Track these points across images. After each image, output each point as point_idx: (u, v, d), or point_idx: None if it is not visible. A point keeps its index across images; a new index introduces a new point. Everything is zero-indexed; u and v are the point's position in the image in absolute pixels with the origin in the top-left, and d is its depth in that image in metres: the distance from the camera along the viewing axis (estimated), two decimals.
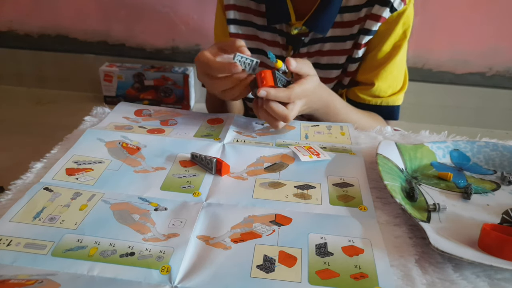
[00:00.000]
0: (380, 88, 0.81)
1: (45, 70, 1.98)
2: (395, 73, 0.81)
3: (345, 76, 0.83)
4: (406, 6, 0.76)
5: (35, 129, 1.70)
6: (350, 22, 0.79)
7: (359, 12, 0.78)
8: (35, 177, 0.55)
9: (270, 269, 0.42)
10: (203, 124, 0.70)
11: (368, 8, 0.77)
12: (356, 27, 0.79)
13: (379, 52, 0.79)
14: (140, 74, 1.85)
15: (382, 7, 0.75)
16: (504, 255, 0.43)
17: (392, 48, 0.79)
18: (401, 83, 0.83)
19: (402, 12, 0.76)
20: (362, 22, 0.78)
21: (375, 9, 0.76)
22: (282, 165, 0.59)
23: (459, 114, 1.84)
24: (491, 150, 0.64)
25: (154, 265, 0.42)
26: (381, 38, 0.78)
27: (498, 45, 1.72)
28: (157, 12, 1.82)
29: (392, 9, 0.75)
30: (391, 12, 0.75)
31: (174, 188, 0.54)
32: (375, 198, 0.54)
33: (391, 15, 0.76)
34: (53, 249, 0.43)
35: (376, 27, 0.76)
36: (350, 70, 0.82)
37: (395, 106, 0.84)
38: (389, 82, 0.81)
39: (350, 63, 0.81)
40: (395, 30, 0.77)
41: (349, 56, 0.81)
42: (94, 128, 0.66)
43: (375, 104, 0.83)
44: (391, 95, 0.82)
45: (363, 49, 0.79)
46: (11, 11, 1.90)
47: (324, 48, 0.81)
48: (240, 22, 0.84)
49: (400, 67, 0.81)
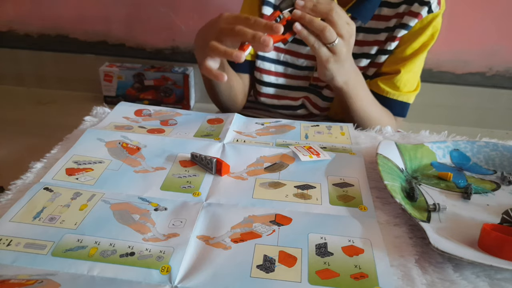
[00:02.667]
0: (402, 78, 0.83)
1: (45, 70, 1.98)
2: (416, 70, 0.84)
3: (371, 67, 0.86)
4: (440, 11, 0.81)
5: (35, 129, 1.70)
6: (387, 17, 0.82)
7: (397, 8, 0.81)
8: (35, 177, 0.55)
9: (270, 269, 0.42)
10: (203, 124, 0.70)
11: (407, 6, 0.80)
12: (393, 21, 0.82)
13: (409, 48, 0.82)
14: (140, 74, 1.85)
15: (421, 6, 0.79)
16: (504, 255, 0.43)
17: (420, 46, 0.82)
18: (416, 83, 0.87)
19: (436, 15, 0.80)
20: (399, 18, 0.81)
21: (414, 7, 0.79)
22: (282, 165, 0.59)
23: (459, 114, 1.84)
24: (491, 150, 0.64)
25: (154, 265, 0.42)
26: (413, 35, 0.81)
27: (498, 45, 1.72)
28: (157, 12, 1.81)
29: (430, 10, 0.79)
30: (428, 13, 0.79)
31: (174, 188, 0.54)
32: (375, 198, 0.54)
33: (427, 15, 0.79)
34: (53, 249, 0.43)
35: (413, 23, 0.79)
36: (378, 61, 0.85)
37: (407, 104, 0.87)
38: (410, 75, 0.84)
39: (381, 55, 0.84)
40: (427, 30, 0.81)
41: (380, 48, 0.84)
42: (94, 128, 0.66)
43: (392, 97, 0.85)
44: (406, 92, 0.85)
45: (396, 42, 0.82)
46: (11, 11, 1.90)
47: (357, 38, 0.83)
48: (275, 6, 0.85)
49: (420, 66, 0.85)
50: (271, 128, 0.70)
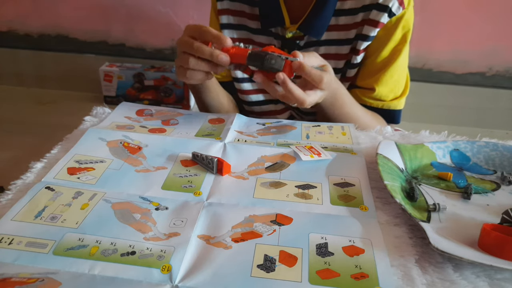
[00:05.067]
0: (381, 93, 0.80)
1: (45, 70, 1.98)
2: (395, 77, 0.79)
3: (344, 81, 0.82)
4: (405, 10, 0.74)
5: (35, 129, 1.70)
6: (346, 26, 0.77)
7: (355, 16, 0.76)
8: (35, 177, 0.55)
9: (270, 269, 0.42)
10: (204, 123, 0.71)
11: (365, 13, 0.75)
12: (353, 31, 0.77)
13: (378, 57, 0.78)
14: (140, 74, 1.85)
15: (380, 13, 0.73)
16: (504, 255, 0.43)
17: (392, 53, 0.77)
18: (403, 87, 0.82)
19: (401, 16, 0.74)
20: (359, 27, 0.77)
21: (372, 14, 0.74)
22: (283, 165, 0.59)
23: (459, 114, 1.84)
24: (491, 150, 0.64)
25: (155, 264, 0.42)
26: (380, 44, 0.77)
27: (498, 45, 1.72)
28: (157, 12, 1.81)
29: (391, 14, 0.74)
30: (390, 17, 0.74)
31: (175, 188, 0.54)
32: (375, 198, 0.54)
33: (390, 20, 0.74)
34: (54, 247, 0.43)
35: (374, 32, 0.75)
36: (349, 75, 0.81)
37: (397, 111, 0.83)
38: (390, 86, 0.80)
39: (349, 69, 0.80)
40: (394, 35, 0.75)
41: (348, 61, 0.80)
42: (95, 127, 0.66)
43: (377, 107, 0.82)
44: (392, 100, 0.81)
45: (361, 55, 0.78)
46: (11, 11, 1.90)
47: (319, 52, 0.79)
48: (234, 26, 0.83)
49: (401, 71, 0.80)
50: (272, 128, 0.70)
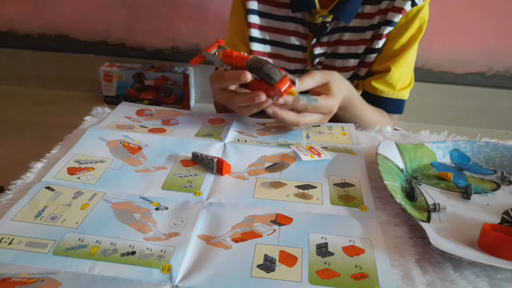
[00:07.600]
0: (394, 75, 0.83)
1: (45, 70, 1.98)
2: (408, 63, 0.84)
3: (362, 67, 0.86)
4: (425, 3, 0.80)
5: (35, 129, 1.70)
6: (370, 14, 0.82)
7: (379, 5, 0.81)
8: (35, 177, 0.55)
9: (270, 269, 0.42)
10: (204, 123, 0.71)
11: (389, 1, 0.80)
12: (377, 18, 0.82)
13: (397, 44, 0.82)
14: (140, 74, 1.85)
15: (404, 1, 0.79)
16: (504, 255, 0.43)
17: (408, 41, 0.82)
18: (410, 78, 0.87)
19: (421, 7, 0.80)
20: (383, 14, 0.81)
21: (397, 2, 0.79)
22: (283, 165, 0.59)
23: (459, 114, 1.84)
24: (491, 150, 0.64)
25: (155, 264, 0.42)
26: (400, 30, 0.82)
27: (498, 45, 1.73)
28: (157, 12, 1.82)
29: (413, 3, 0.79)
30: (412, 6, 0.79)
31: (175, 188, 0.54)
32: (375, 198, 0.54)
33: (412, 9, 0.79)
34: (54, 247, 0.43)
35: (397, 18, 0.80)
36: (368, 61, 0.85)
37: (403, 100, 0.88)
38: (402, 70, 0.84)
39: (369, 54, 0.84)
40: (413, 23, 0.81)
41: (368, 47, 0.84)
42: (95, 127, 0.66)
43: (386, 96, 0.85)
44: (400, 89, 0.86)
45: (383, 40, 0.82)
46: (11, 11, 1.90)
47: (344, 38, 0.84)
48: (261, 13, 0.86)
49: (411, 60, 0.85)
50: (272, 128, 0.70)
